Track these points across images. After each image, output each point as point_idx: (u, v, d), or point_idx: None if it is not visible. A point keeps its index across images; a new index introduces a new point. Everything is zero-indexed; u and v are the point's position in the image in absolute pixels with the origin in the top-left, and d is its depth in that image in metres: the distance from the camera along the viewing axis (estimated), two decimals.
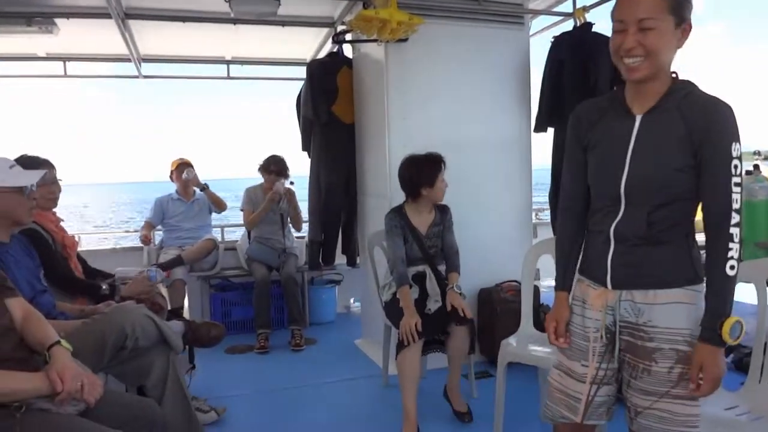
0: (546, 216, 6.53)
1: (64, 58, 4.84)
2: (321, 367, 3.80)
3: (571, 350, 1.61)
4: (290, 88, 5.28)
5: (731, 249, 1.36)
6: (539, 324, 2.67)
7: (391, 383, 3.31)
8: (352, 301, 5.40)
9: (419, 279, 2.99)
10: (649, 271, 1.46)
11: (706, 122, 1.37)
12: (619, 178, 1.46)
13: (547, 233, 3.80)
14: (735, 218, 1.37)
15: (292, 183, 4.53)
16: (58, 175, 2.81)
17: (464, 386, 3.07)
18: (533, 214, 4.20)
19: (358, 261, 4.42)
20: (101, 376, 1.99)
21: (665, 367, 1.43)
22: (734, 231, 1.37)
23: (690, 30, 1.41)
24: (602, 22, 3.65)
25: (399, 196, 3.17)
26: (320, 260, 4.38)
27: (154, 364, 2.11)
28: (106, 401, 1.67)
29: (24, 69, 5.06)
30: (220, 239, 4.79)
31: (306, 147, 4.33)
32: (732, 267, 1.36)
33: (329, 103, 4.01)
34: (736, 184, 1.36)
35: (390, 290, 3.04)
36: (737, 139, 1.37)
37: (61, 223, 2.95)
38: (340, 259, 4.52)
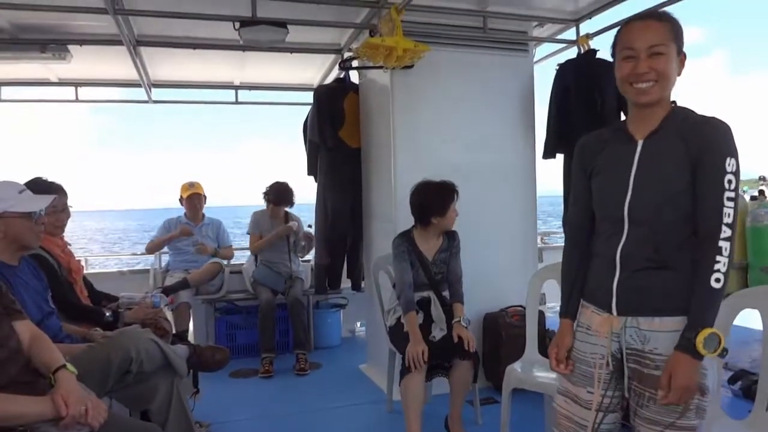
0: (551, 240, 6.55)
1: (76, 84, 4.94)
2: (326, 392, 3.77)
3: (576, 376, 1.61)
4: (297, 113, 5.35)
5: (719, 262, 1.36)
6: (545, 349, 2.64)
7: (396, 409, 3.28)
8: (357, 325, 5.38)
9: (424, 305, 2.98)
10: (654, 297, 1.45)
11: (701, 139, 1.41)
12: (622, 201, 1.48)
13: (553, 258, 3.80)
14: (726, 232, 1.37)
15: (310, 226, 4.58)
16: (69, 202, 2.84)
17: (469, 413, 3.04)
18: (539, 239, 4.20)
19: (363, 285, 4.42)
20: (105, 400, 1.99)
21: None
22: (724, 245, 1.36)
23: (685, 59, 1.47)
24: (606, 49, 3.71)
25: (404, 220, 3.18)
26: (326, 284, 4.38)
27: (158, 389, 2.11)
28: (111, 425, 1.67)
29: (37, 94, 5.17)
30: (225, 263, 4.81)
31: (312, 171, 4.37)
32: (717, 280, 1.36)
33: (336, 128, 4.06)
34: (729, 199, 1.37)
35: (395, 315, 3.03)
36: (733, 155, 1.39)
37: (69, 247, 2.97)
38: (345, 283, 4.52)
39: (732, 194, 1.38)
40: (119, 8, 3.20)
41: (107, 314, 2.73)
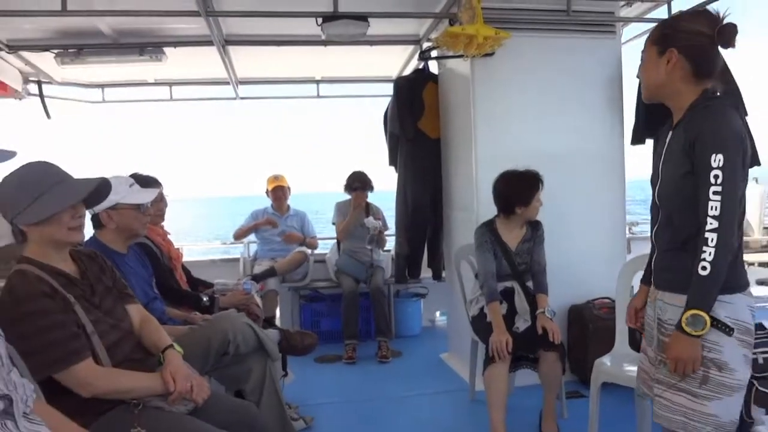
0: (639, 230, 6.26)
1: (170, 83, 5.25)
2: (407, 380, 3.83)
3: (647, 337, 1.84)
4: (377, 104, 5.41)
5: (704, 252, 1.51)
6: (635, 343, 2.56)
7: (478, 399, 3.28)
8: (437, 314, 5.41)
9: (507, 295, 2.95)
10: (672, 275, 1.67)
11: (695, 133, 1.56)
12: (655, 187, 1.73)
13: (642, 248, 3.63)
14: (712, 224, 1.51)
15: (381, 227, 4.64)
16: (165, 192, 3.05)
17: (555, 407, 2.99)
18: (627, 229, 4.03)
19: (443, 275, 4.43)
20: (205, 379, 2.12)
21: None
22: (710, 236, 1.51)
23: (675, 57, 1.59)
24: None
25: (486, 210, 3.16)
26: (406, 273, 4.43)
27: (252, 370, 2.23)
28: (212, 403, 1.79)
29: (135, 94, 5.53)
30: (310, 252, 4.97)
31: (393, 162, 4.42)
32: (704, 268, 1.51)
33: (415, 119, 4.08)
34: (715, 193, 1.50)
35: (477, 305, 3.03)
36: (720, 150, 1.50)
37: (168, 236, 3.19)
38: (426, 272, 4.55)
39: (719, 188, 1.50)
40: (210, 10, 3.37)
41: (204, 299, 2.91)
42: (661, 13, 3.75)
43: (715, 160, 1.49)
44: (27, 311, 1.54)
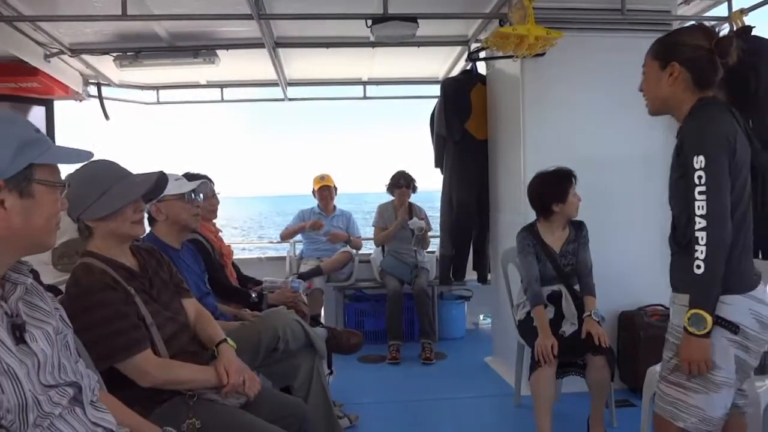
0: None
1: (222, 85, 5.38)
2: (451, 382, 3.81)
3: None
4: (422, 106, 5.40)
5: (697, 251, 1.58)
6: None
7: (523, 404, 3.24)
8: (481, 317, 5.36)
9: (554, 299, 2.90)
10: (679, 275, 1.75)
11: (681, 139, 1.67)
12: None
13: None
14: (700, 223, 1.58)
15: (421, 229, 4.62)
16: (216, 189, 3.13)
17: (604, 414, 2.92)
18: None
19: (488, 277, 4.39)
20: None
21: (667, 356, 1.74)
22: (699, 234, 1.58)
23: (678, 70, 1.69)
24: (763, 26, 3.34)
25: (533, 213, 3.11)
26: (451, 275, 4.40)
27: (300, 367, 2.26)
28: (263, 397, 1.83)
29: (187, 95, 5.69)
30: (354, 252, 5.01)
31: (439, 163, 4.39)
32: (698, 267, 1.58)
33: (463, 120, 4.06)
34: (700, 193, 1.58)
35: (524, 309, 2.99)
36: (701, 151, 1.58)
37: (220, 233, 3.27)
38: (470, 275, 4.51)
39: (703, 188, 1.57)
40: (263, 13, 3.43)
41: (253, 296, 2.97)
42: (721, 10, 3.62)
43: (697, 162, 1.58)
44: (92, 302, 1.61)
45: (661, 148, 3.56)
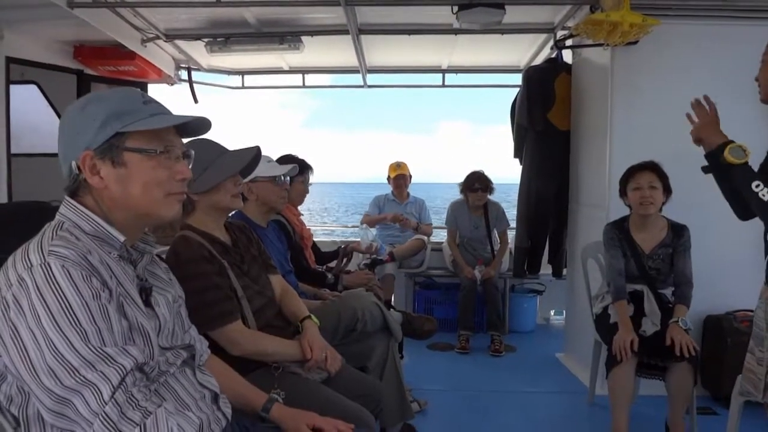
0: None
1: (303, 71, 5.49)
2: (521, 376, 3.76)
3: (755, 336, 1.90)
4: (501, 95, 5.31)
5: None
6: None
7: (597, 403, 3.16)
8: (552, 313, 5.25)
9: (635, 298, 2.81)
10: None
11: None
12: None
13: None
14: None
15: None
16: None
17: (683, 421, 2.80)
18: None
19: (564, 272, 4.28)
20: None
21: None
22: None
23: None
24: None
25: (617, 208, 3.02)
26: (525, 268, 4.34)
27: (375, 348, 2.30)
28: (343, 374, 1.88)
29: (270, 81, 5.85)
30: (426, 239, 5.02)
31: (518, 153, 4.32)
32: None
33: (545, 110, 3.96)
34: None
35: (602, 303, 2.92)
36: None
37: (301, 217, 3.36)
38: (545, 268, 4.42)
39: None
40: (349, 0, 3.48)
41: (329, 277, 3.05)
42: None
43: None
44: (189, 273, 1.69)
45: (760, 145, 3.34)
